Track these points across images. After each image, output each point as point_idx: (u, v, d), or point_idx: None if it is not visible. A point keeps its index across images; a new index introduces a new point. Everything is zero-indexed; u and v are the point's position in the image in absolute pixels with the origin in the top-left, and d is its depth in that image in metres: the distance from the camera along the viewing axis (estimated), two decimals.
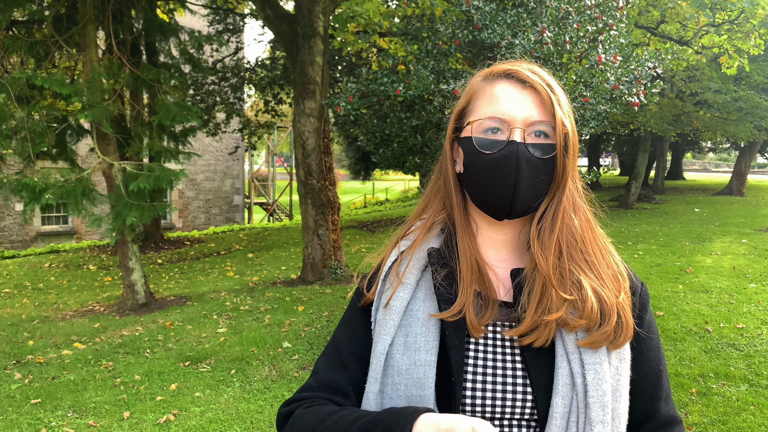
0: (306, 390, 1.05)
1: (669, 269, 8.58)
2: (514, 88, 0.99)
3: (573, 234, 1.01)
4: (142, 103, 9.04)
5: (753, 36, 9.89)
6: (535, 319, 0.94)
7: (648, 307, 1.07)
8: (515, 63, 1.03)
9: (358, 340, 1.06)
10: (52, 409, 4.64)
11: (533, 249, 0.99)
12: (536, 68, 1.01)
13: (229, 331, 6.53)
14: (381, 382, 0.98)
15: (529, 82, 0.98)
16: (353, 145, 24.91)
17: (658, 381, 1.04)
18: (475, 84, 1.05)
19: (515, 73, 1.00)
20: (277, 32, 8.82)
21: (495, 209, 1.00)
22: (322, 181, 8.63)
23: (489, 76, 1.04)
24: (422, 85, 5.45)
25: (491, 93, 1.00)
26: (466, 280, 0.99)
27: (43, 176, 7.07)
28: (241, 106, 16.66)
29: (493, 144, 0.97)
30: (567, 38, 5.48)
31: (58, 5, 7.86)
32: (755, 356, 5.15)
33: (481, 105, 1.01)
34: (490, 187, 0.98)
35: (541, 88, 0.97)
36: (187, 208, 21.80)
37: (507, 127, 0.97)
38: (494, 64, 1.06)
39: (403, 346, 0.97)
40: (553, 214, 1.00)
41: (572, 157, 1.00)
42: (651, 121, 15.51)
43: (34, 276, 11.45)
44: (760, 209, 16.88)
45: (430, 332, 0.97)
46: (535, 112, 0.97)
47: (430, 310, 0.99)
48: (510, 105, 0.97)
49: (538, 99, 0.98)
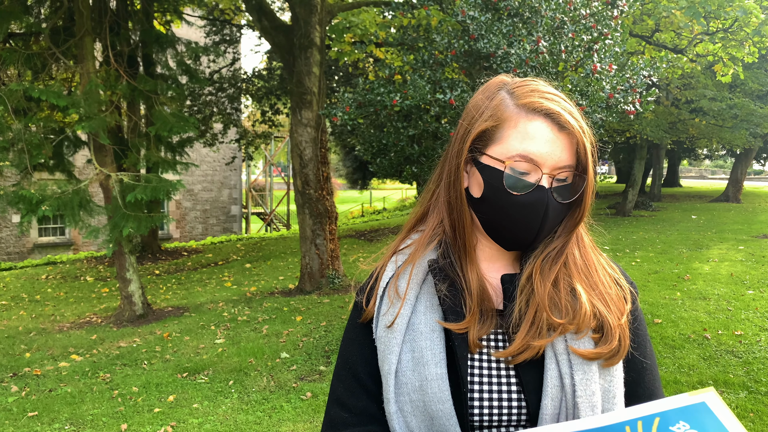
0: (343, 426, 1.03)
1: (667, 276, 8.59)
2: (551, 131, 0.96)
3: (576, 263, 1.03)
4: (139, 114, 9.05)
5: (747, 44, 9.96)
6: (525, 342, 0.95)
7: (637, 305, 1.08)
8: (554, 98, 0.99)
9: (369, 360, 1.05)
10: (49, 422, 4.61)
11: (534, 280, 0.99)
12: (573, 108, 0.99)
13: (227, 342, 6.51)
14: (397, 401, 0.98)
15: (568, 127, 0.96)
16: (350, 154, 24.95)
17: (640, 378, 1.03)
18: (506, 109, 0.99)
19: (557, 116, 0.96)
20: (273, 43, 8.86)
21: (510, 244, 1.02)
22: (320, 191, 8.64)
23: (526, 108, 0.98)
24: (419, 94, 5.48)
25: (526, 129, 0.96)
26: (475, 300, 0.99)
27: (40, 188, 7.06)
28: (238, 117, 16.68)
29: (522, 186, 0.96)
30: (562, 47, 5.52)
31: (55, 17, 7.89)
32: (754, 363, 5.15)
33: (512, 138, 0.97)
34: (511, 225, 0.99)
35: (579, 134, 0.96)
36: (184, 218, 21.77)
37: (536, 170, 0.96)
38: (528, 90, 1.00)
39: (412, 362, 0.97)
40: (559, 250, 1.02)
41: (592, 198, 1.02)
42: (647, 129, 15.57)
43: (31, 288, 11.41)
44: (756, 216, 16.92)
45: (435, 345, 0.97)
46: (565, 156, 0.96)
47: (433, 322, 0.99)
48: (545, 147, 0.95)
49: (570, 143, 0.97)
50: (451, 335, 0.97)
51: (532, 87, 1.01)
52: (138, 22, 8.68)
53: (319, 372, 5.45)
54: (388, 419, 0.99)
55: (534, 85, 1.01)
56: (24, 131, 6.95)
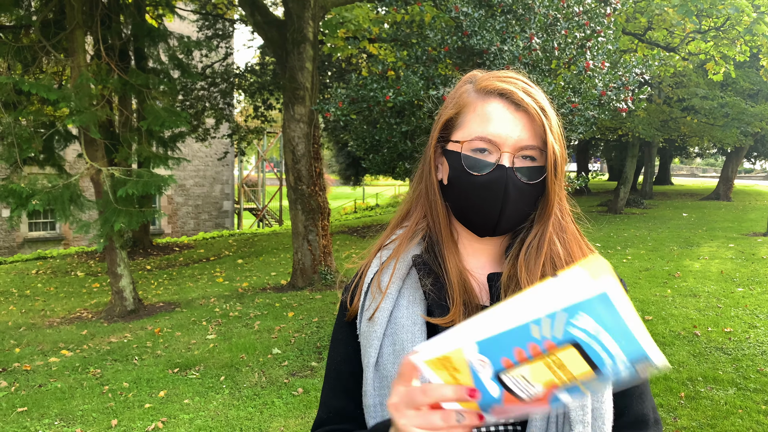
0: (318, 426, 1.06)
1: (657, 274, 8.63)
2: (507, 110, 0.96)
3: (560, 256, 1.01)
4: (130, 108, 9.00)
5: (739, 43, 10.01)
6: None
7: None
8: (510, 79, 0.98)
9: (352, 359, 1.06)
10: (38, 418, 4.59)
11: (520, 275, 0.98)
12: (531, 88, 0.98)
13: (218, 338, 6.49)
14: (379, 394, 0.98)
15: (523, 105, 0.95)
16: (343, 150, 24.90)
17: None
18: (467, 95, 1.01)
19: (510, 95, 0.95)
20: (266, 38, 8.82)
21: (478, 228, 1.01)
22: (312, 187, 8.62)
23: (483, 91, 0.99)
24: (412, 90, 5.47)
25: (483, 111, 0.97)
26: (456, 292, 0.99)
27: (30, 182, 7.01)
28: (231, 112, 16.61)
29: (481, 166, 0.96)
30: (555, 44, 5.52)
31: (45, 10, 7.82)
32: (743, 360, 5.19)
33: (471, 122, 0.98)
34: (475, 207, 0.98)
35: (534, 111, 0.94)
36: (176, 213, 21.69)
37: (496, 150, 0.95)
38: (488, 75, 1.01)
39: (393, 354, 0.98)
40: (539, 240, 1.00)
41: (560, 181, 0.99)
42: (639, 127, 15.64)
43: (21, 283, 11.34)
44: (746, 214, 17.04)
45: (417, 338, 0.97)
46: (525, 135, 0.95)
47: (415, 315, 0.99)
48: (502, 127, 0.95)
49: (530, 122, 0.95)
50: (436, 329, 0.97)
51: (493, 73, 1.01)
52: (130, 15, 8.62)
53: (311, 368, 5.44)
54: (366, 413, 0.99)
55: (498, 72, 1.01)
56: (14, 125, 6.89)
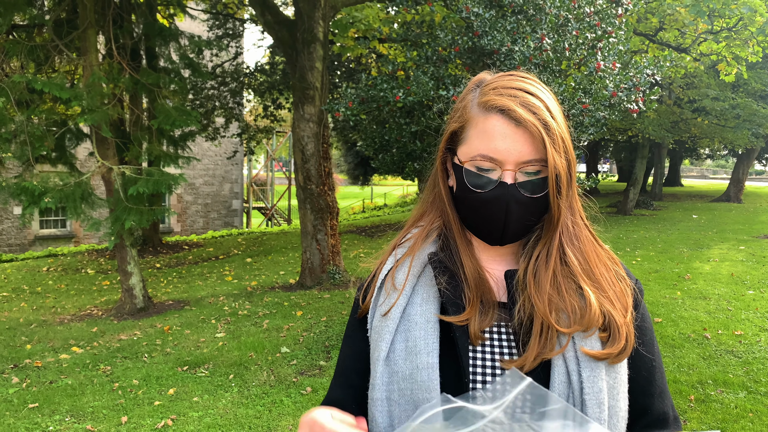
0: None
1: (667, 276, 8.59)
2: (507, 126, 0.95)
3: (574, 263, 1.02)
4: (141, 107, 9.05)
5: (751, 43, 9.93)
6: (538, 356, 0.95)
7: (641, 302, 1.07)
8: (512, 91, 0.97)
9: (359, 355, 1.07)
10: (49, 414, 4.63)
11: (530, 290, 0.99)
12: (534, 98, 0.96)
13: (227, 336, 6.52)
14: (387, 389, 0.99)
15: (522, 121, 0.94)
16: (352, 150, 24.93)
17: (651, 376, 1.03)
18: (470, 109, 1.01)
19: (511, 112, 0.94)
20: (276, 38, 8.84)
21: (485, 238, 1.03)
22: (321, 186, 8.64)
23: (484, 106, 0.98)
24: (422, 91, 5.47)
25: (484, 128, 0.97)
26: (473, 290, 1.00)
27: (42, 180, 7.07)
28: (240, 111, 16.66)
29: (483, 183, 0.97)
30: (566, 45, 5.51)
31: (58, 10, 7.88)
32: (753, 363, 5.15)
33: (473, 137, 0.99)
34: (480, 221, 1.00)
35: (534, 129, 0.93)
36: (185, 212, 21.79)
37: (499, 167, 0.96)
38: (493, 83, 1.00)
39: (405, 351, 0.98)
40: (547, 253, 1.01)
41: (567, 192, 0.99)
42: (649, 128, 15.56)
43: (32, 280, 11.43)
44: (757, 216, 16.91)
45: (429, 335, 0.98)
46: (527, 150, 0.94)
47: (428, 313, 1.00)
48: (503, 144, 0.95)
49: (531, 137, 0.95)
50: (451, 327, 0.98)
51: (497, 84, 1.00)
52: (141, 15, 8.67)
53: (319, 367, 5.46)
54: (370, 406, 1.00)
55: (502, 81, 1.00)
56: (26, 123, 6.95)
